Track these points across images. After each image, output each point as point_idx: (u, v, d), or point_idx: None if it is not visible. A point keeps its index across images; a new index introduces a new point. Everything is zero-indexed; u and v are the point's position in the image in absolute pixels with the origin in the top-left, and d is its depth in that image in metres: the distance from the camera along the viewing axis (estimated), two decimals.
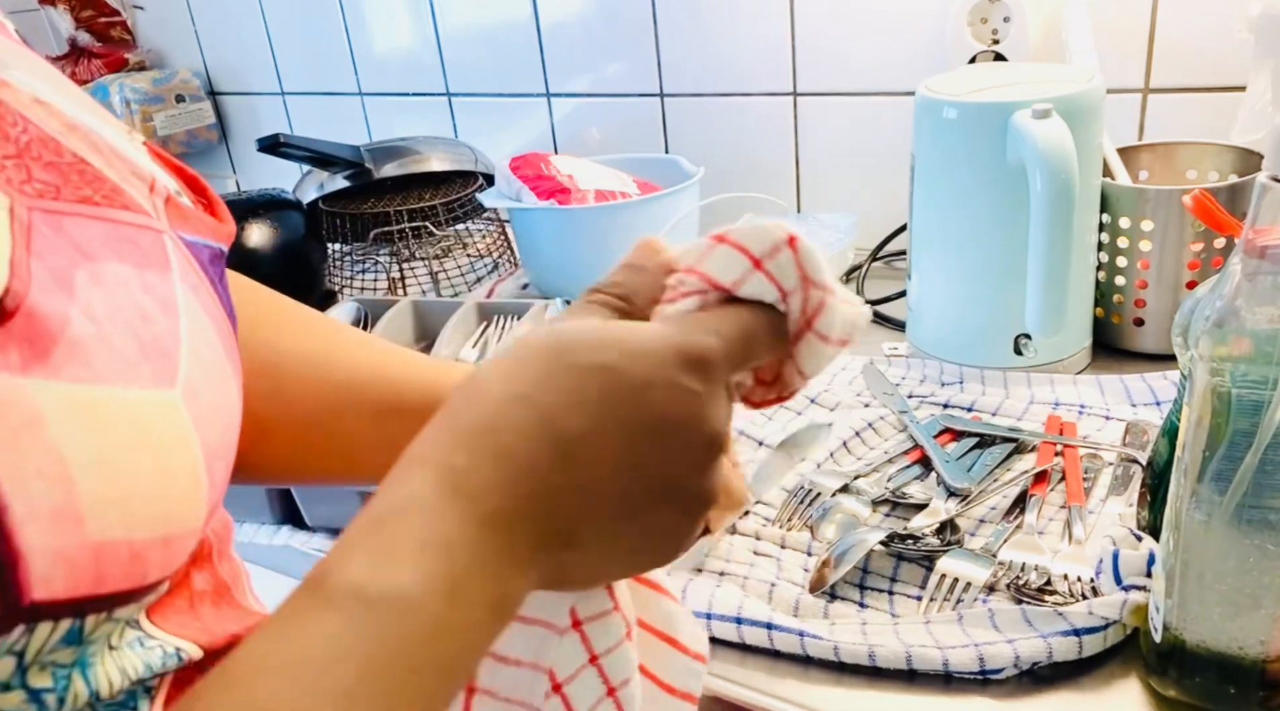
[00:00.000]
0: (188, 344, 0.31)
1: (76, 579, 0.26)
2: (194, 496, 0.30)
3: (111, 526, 0.27)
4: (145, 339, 0.29)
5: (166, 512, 0.29)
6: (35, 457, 0.25)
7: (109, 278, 0.29)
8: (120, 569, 0.27)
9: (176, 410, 0.29)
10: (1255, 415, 0.43)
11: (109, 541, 0.27)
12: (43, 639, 0.26)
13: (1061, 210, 0.70)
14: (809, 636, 0.54)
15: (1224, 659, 0.47)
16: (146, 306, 0.30)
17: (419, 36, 1.38)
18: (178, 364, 0.30)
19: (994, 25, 0.95)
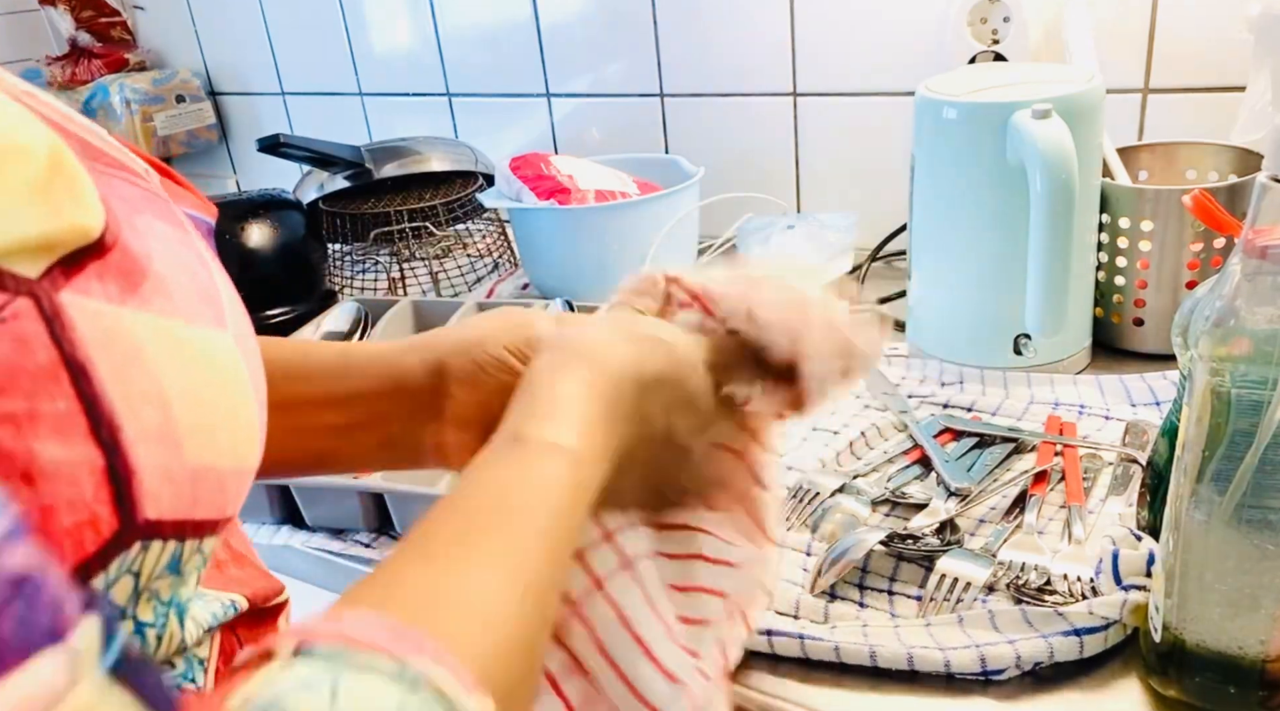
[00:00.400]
0: (224, 294, 0.33)
1: (178, 500, 0.28)
2: (255, 432, 0.33)
3: (203, 451, 0.29)
4: (200, 283, 0.32)
5: (238, 445, 0.31)
6: (139, 383, 0.27)
7: (158, 229, 0.32)
8: (209, 495, 0.29)
9: (231, 349, 0.32)
10: (1255, 415, 0.43)
11: (201, 466, 0.29)
12: (153, 561, 0.28)
13: (1061, 210, 0.70)
14: (809, 639, 0.54)
15: (1224, 658, 0.47)
16: (189, 259, 0.32)
17: (419, 36, 1.38)
18: (223, 309, 0.32)
19: (994, 25, 0.95)
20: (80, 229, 0.27)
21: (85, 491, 0.25)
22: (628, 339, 0.42)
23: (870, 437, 0.75)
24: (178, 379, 0.28)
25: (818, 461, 0.72)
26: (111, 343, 0.27)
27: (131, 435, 0.26)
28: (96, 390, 0.26)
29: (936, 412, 0.76)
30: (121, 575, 0.27)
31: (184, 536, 0.29)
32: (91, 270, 0.27)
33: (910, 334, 0.88)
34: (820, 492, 0.68)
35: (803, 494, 0.68)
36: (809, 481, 0.69)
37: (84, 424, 0.25)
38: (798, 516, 0.67)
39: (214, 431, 0.30)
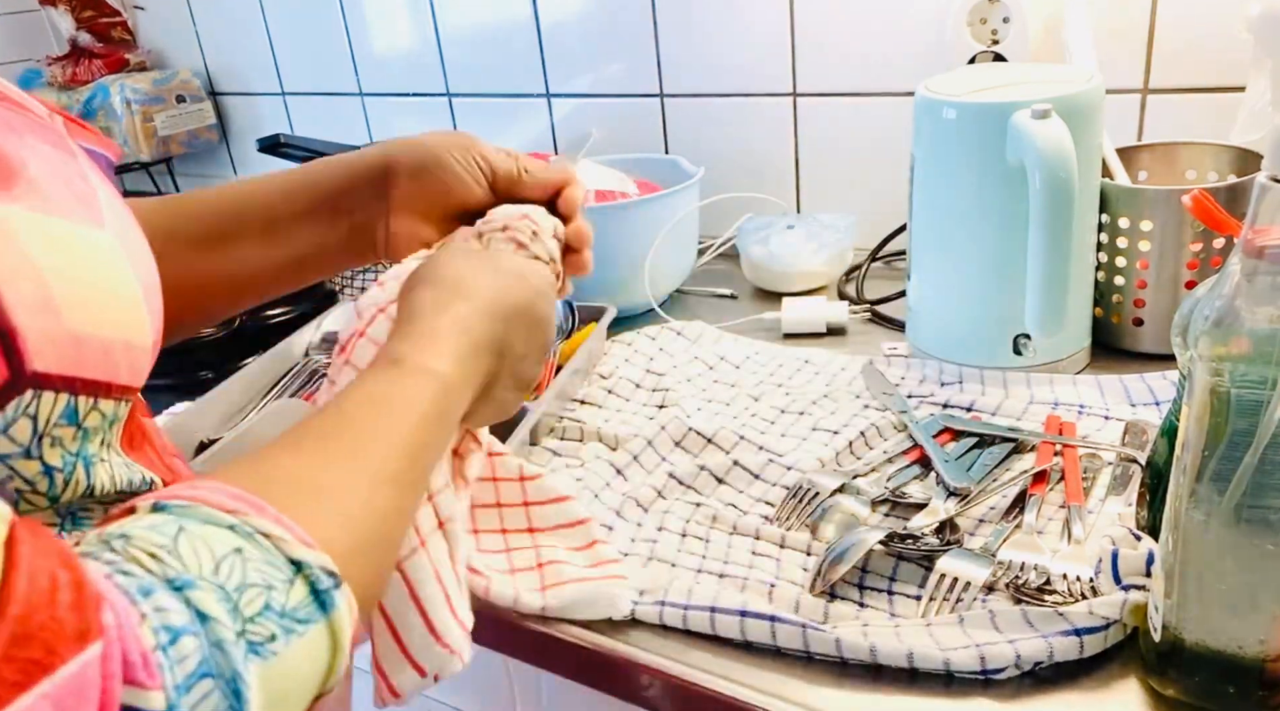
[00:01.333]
0: (105, 202, 0.39)
1: (62, 358, 0.33)
2: (139, 314, 0.38)
3: (82, 322, 0.34)
4: (75, 191, 0.37)
5: (121, 319, 0.37)
6: (14, 260, 0.32)
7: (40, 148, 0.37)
8: (94, 358, 0.35)
9: (113, 243, 0.37)
10: (1254, 415, 0.43)
11: (83, 334, 0.34)
12: (48, 408, 0.34)
13: (1061, 210, 0.70)
14: (811, 629, 0.54)
15: (1223, 658, 0.47)
16: (70, 173, 0.38)
17: (419, 36, 1.38)
18: (101, 213, 0.38)
19: (993, 25, 0.95)
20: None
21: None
22: (494, 273, 0.50)
23: (870, 437, 0.75)
24: (52, 260, 0.34)
25: (817, 461, 0.72)
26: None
27: (12, 300, 0.32)
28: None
29: (936, 412, 0.76)
30: (18, 416, 0.33)
31: (74, 391, 0.34)
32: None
33: (910, 334, 0.88)
34: (820, 492, 0.68)
35: (803, 494, 0.68)
36: (809, 481, 0.69)
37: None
38: (797, 516, 0.67)
39: (92, 305, 0.35)
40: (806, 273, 1.02)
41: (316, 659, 0.33)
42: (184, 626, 0.29)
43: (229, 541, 0.32)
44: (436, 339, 0.46)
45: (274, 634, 0.31)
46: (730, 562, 0.63)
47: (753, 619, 0.56)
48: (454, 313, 0.47)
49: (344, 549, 0.35)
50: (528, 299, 0.51)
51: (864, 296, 1.00)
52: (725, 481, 0.72)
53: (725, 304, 1.05)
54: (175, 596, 0.29)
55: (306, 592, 0.33)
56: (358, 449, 0.39)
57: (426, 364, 0.44)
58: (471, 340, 0.47)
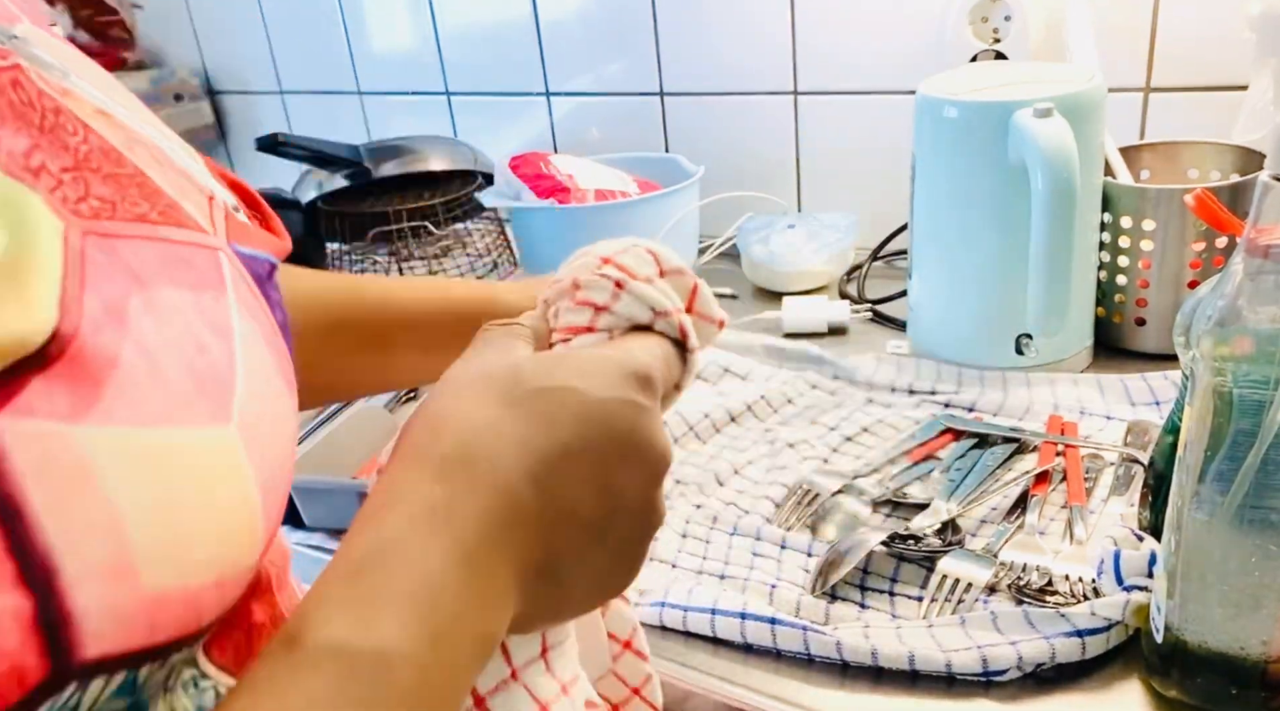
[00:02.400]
0: (243, 370, 0.29)
1: (131, 632, 0.24)
2: (250, 534, 0.28)
3: (166, 575, 0.25)
4: (200, 370, 0.27)
5: (222, 555, 0.27)
6: (86, 512, 0.24)
7: (163, 304, 0.27)
8: (174, 617, 0.26)
9: (232, 446, 0.28)
10: (1257, 415, 0.43)
11: (164, 591, 0.25)
12: (96, 693, 0.25)
13: (1062, 210, 0.70)
14: (812, 631, 0.54)
15: (1226, 659, 0.46)
16: (201, 333, 0.28)
17: (418, 35, 1.38)
18: (233, 395, 0.28)
19: (995, 24, 0.95)
20: (16, 338, 0.23)
21: (8, 641, 0.22)
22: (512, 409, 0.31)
23: (869, 438, 0.75)
24: (140, 497, 0.25)
25: (818, 460, 0.72)
26: (53, 468, 0.23)
27: (71, 575, 0.23)
28: (28, 529, 0.22)
29: (937, 412, 0.76)
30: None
31: (137, 665, 0.26)
32: (36, 385, 0.23)
33: (911, 334, 0.88)
34: (820, 493, 0.68)
35: (803, 494, 0.68)
36: (809, 481, 0.69)
37: (10, 569, 0.22)
38: (797, 517, 0.67)
39: (187, 549, 0.26)
40: (807, 272, 1.02)
41: None
42: None
43: None
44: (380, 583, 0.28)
45: None
46: (731, 563, 0.63)
47: (753, 621, 0.56)
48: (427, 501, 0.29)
49: None
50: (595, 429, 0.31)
51: (865, 296, 1.00)
52: (725, 482, 0.72)
53: (725, 304, 1.05)
54: None
55: None
56: None
57: (349, 644, 0.27)
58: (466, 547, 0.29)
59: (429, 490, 0.29)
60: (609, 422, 0.31)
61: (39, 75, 0.29)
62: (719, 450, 0.76)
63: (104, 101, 0.31)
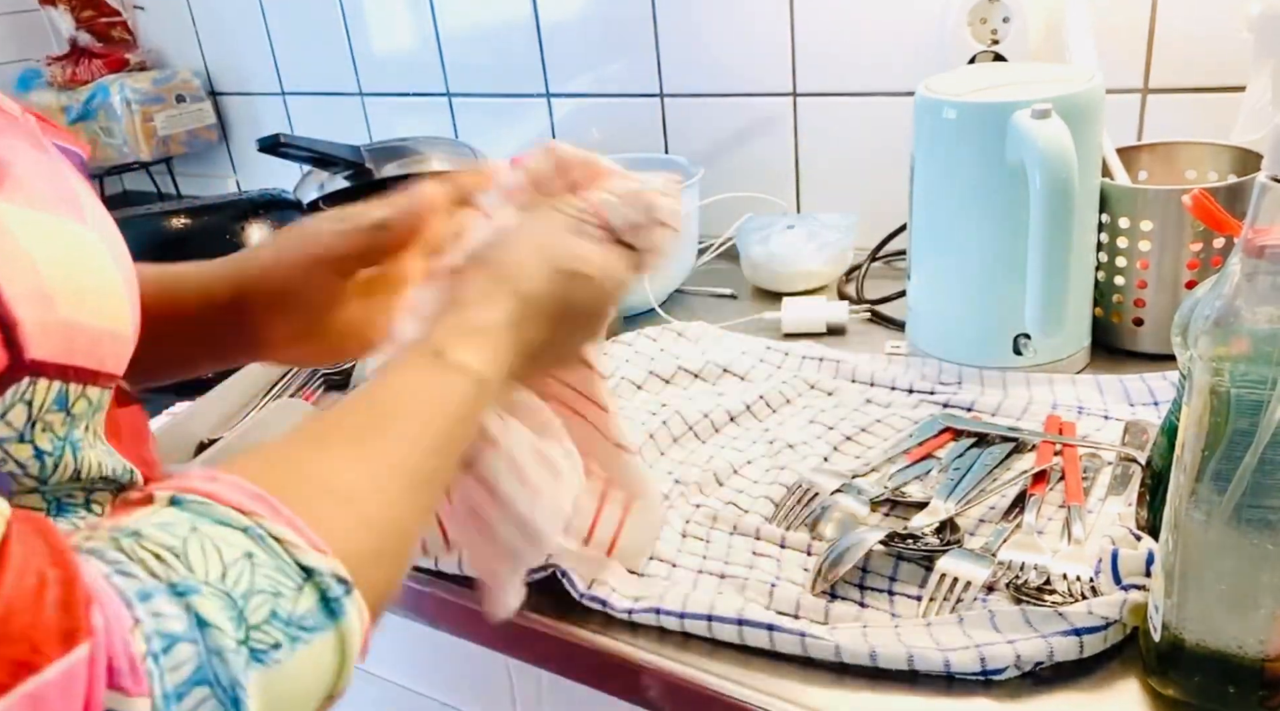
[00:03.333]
0: (84, 199, 0.40)
1: (56, 346, 0.35)
2: (123, 305, 0.39)
3: (73, 310, 0.36)
4: (57, 189, 0.39)
5: (107, 309, 0.38)
6: (10, 254, 0.34)
7: (18, 146, 0.39)
8: (84, 346, 0.37)
9: (94, 237, 0.39)
10: (1254, 415, 0.43)
11: (73, 321, 0.36)
12: (42, 394, 0.35)
13: (1061, 210, 0.70)
14: (810, 637, 0.54)
15: (1223, 658, 0.47)
16: (49, 169, 0.39)
17: (419, 36, 1.38)
18: (82, 210, 0.39)
19: (993, 25, 0.95)
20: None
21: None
22: (554, 271, 0.47)
23: (869, 438, 0.75)
24: (43, 252, 0.35)
25: (818, 459, 0.72)
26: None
27: (11, 292, 0.33)
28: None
29: (936, 412, 0.76)
30: (15, 403, 0.34)
31: (66, 378, 0.36)
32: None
33: (910, 334, 0.88)
34: (819, 492, 0.68)
35: (802, 494, 0.68)
36: (808, 481, 0.69)
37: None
38: (796, 516, 0.67)
39: (81, 295, 0.36)
40: (807, 272, 1.02)
41: (322, 666, 0.33)
42: (181, 633, 0.29)
43: (241, 544, 0.31)
44: (482, 336, 0.44)
45: (278, 642, 0.31)
46: (731, 563, 0.63)
47: (750, 628, 0.56)
48: (504, 310, 0.45)
49: (362, 554, 0.35)
50: (587, 304, 0.49)
51: (864, 296, 1.00)
52: (724, 482, 0.72)
53: (725, 304, 1.05)
54: (176, 602, 0.29)
55: (315, 600, 0.32)
56: (388, 450, 0.38)
57: (468, 363, 0.43)
58: (517, 342, 0.45)
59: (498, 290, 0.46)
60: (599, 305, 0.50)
61: None
62: (718, 450, 0.76)
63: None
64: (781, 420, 0.80)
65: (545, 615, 0.61)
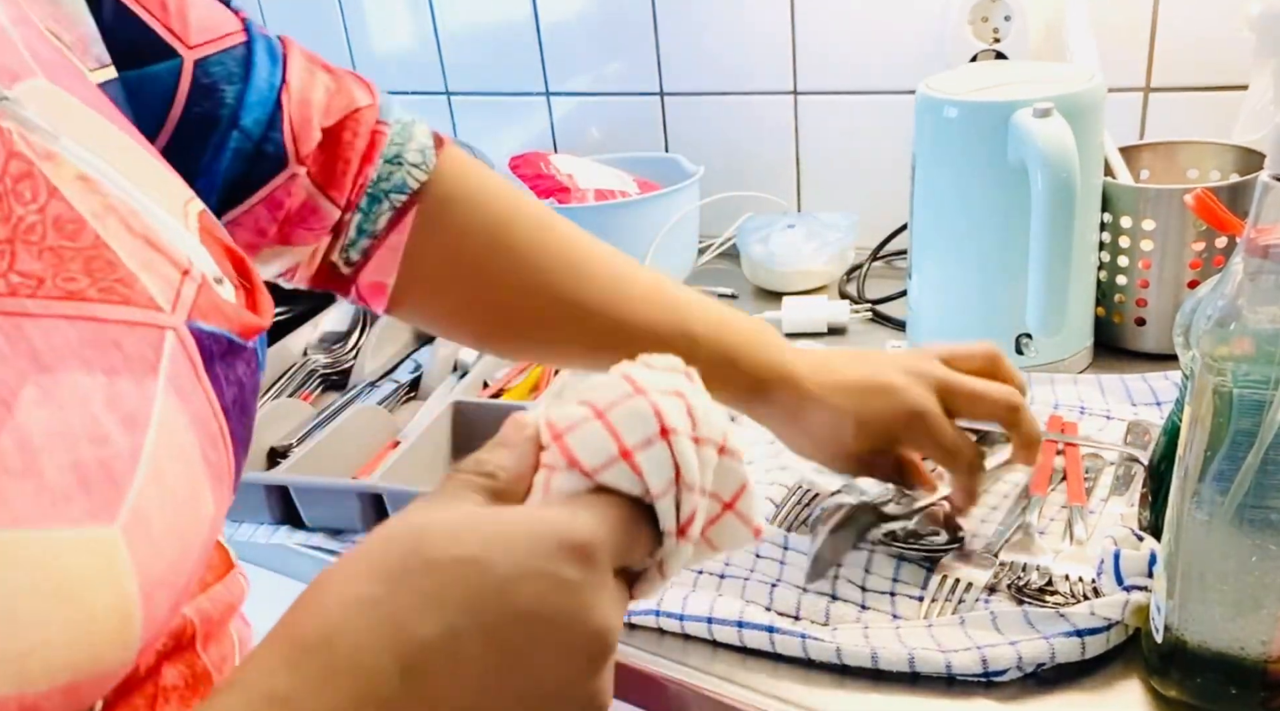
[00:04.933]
0: (149, 463, 0.28)
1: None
2: (119, 636, 0.27)
3: (1, 684, 0.24)
4: (89, 465, 0.27)
5: (74, 661, 0.26)
6: None
7: (64, 391, 0.27)
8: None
9: (110, 546, 0.27)
10: (1257, 415, 0.43)
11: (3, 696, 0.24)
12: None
13: (1062, 209, 0.70)
14: (811, 639, 0.54)
15: (1225, 659, 0.46)
16: (105, 424, 0.27)
17: (418, 35, 1.38)
18: (126, 491, 0.27)
19: (995, 24, 0.95)
20: None
21: None
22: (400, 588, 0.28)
23: None
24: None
25: None
26: None
27: None
28: None
29: None
30: None
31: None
32: None
33: (911, 333, 0.88)
34: (819, 493, 0.68)
35: (802, 494, 0.68)
36: (808, 481, 0.69)
37: None
38: (798, 517, 0.67)
39: (30, 657, 0.25)
40: (807, 272, 1.02)
41: None
42: None
43: None
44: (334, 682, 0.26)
45: None
46: (732, 563, 0.63)
47: (750, 630, 0.56)
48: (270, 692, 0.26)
49: None
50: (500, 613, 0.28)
51: (865, 296, 1.00)
52: None
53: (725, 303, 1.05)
54: None
55: None
56: None
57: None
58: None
59: (273, 679, 0.26)
60: (513, 601, 0.27)
61: (22, 137, 0.29)
62: None
63: (93, 164, 0.31)
64: None
65: None
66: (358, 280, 0.55)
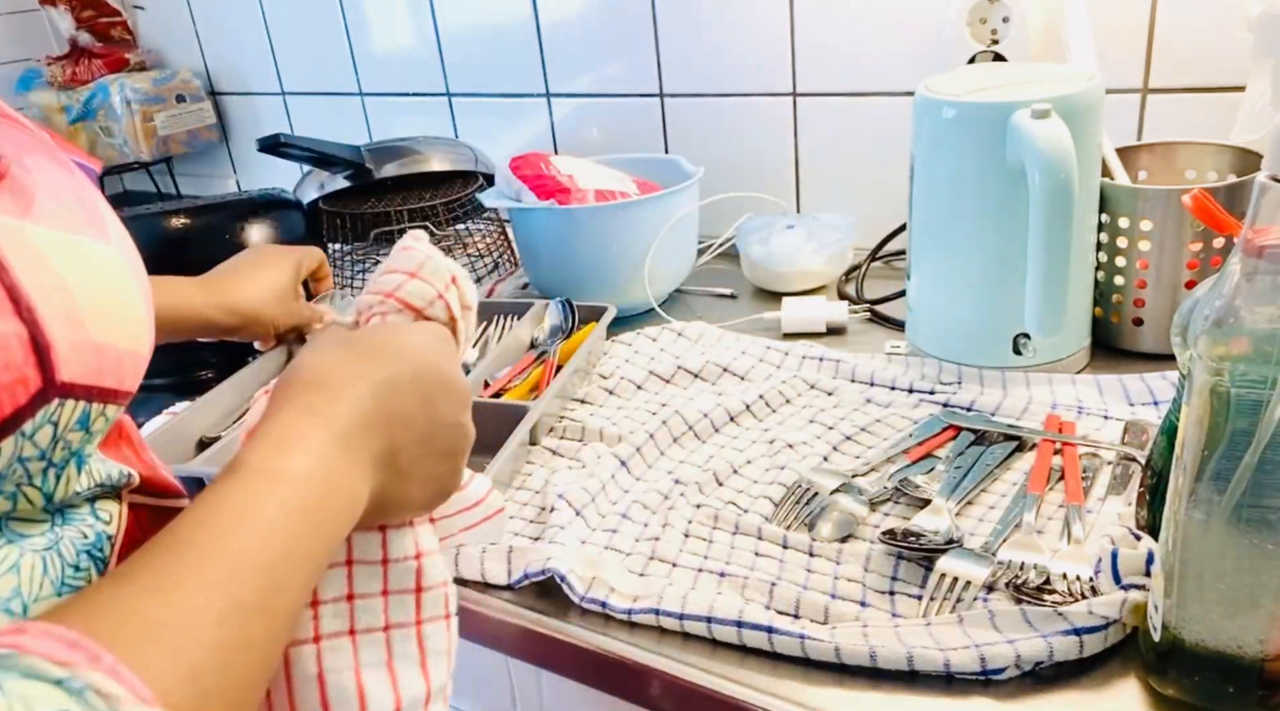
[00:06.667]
0: (108, 218, 0.41)
1: (86, 367, 0.35)
2: (144, 324, 0.40)
3: (103, 331, 0.36)
4: (82, 209, 0.39)
5: (131, 330, 0.38)
6: (46, 277, 0.34)
7: (44, 166, 0.39)
8: (111, 367, 0.37)
9: (118, 259, 0.39)
10: (1254, 414, 0.43)
11: (103, 342, 0.36)
12: (69, 415, 0.35)
13: (1060, 210, 0.70)
14: (810, 639, 0.54)
15: (1223, 658, 0.47)
16: (73, 187, 0.40)
17: (419, 36, 1.38)
18: (106, 229, 0.40)
19: (993, 25, 0.95)
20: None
21: (16, 356, 0.33)
22: (354, 355, 0.44)
23: (868, 438, 0.75)
24: (74, 275, 0.36)
25: (818, 459, 0.72)
26: (19, 247, 0.34)
27: (45, 314, 0.34)
28: (14, 280, 0.33)
29: (936, 412, 0.76)
30: (44, 423, 0.34)
31: (92, 399, 0.36)
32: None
33: (910, 334, 0.88)
34: (819, 492, 0.68)
35: (802, 493, 0.68)
36: (808, 481, 0.69)
37: (9, 306, 0.33)
38: (796, 516, 0.67)
39: (109, 316, 0.37)
40: (806, 272, 1.02)
41: None
42: None
43: (54, 700, 0.27)
44: (285, 437, 0.39)
45: None
46: (732, 563, 0.63)
47: (750, 630, 0.56)
48: (306, 403, 0.41)
49: (186, 697, 0.31)
50: (413, 368, 0.44)
51: (864, 296, 1.00)
52: (724, 482, 0.72)
53: (725, 304, 1.05)
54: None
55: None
56: (198, 578, 0.34)
57: (269, 465, 0.38)
58: (337, 428, 0.40)
59: (304, 399, 0.41)
60: (426, 359, 0.45)
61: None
62: (718, 450, 0.76)
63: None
64: (781, 420, 0.80)
65: (545, 615, 0.61)
66: None
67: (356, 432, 0.41)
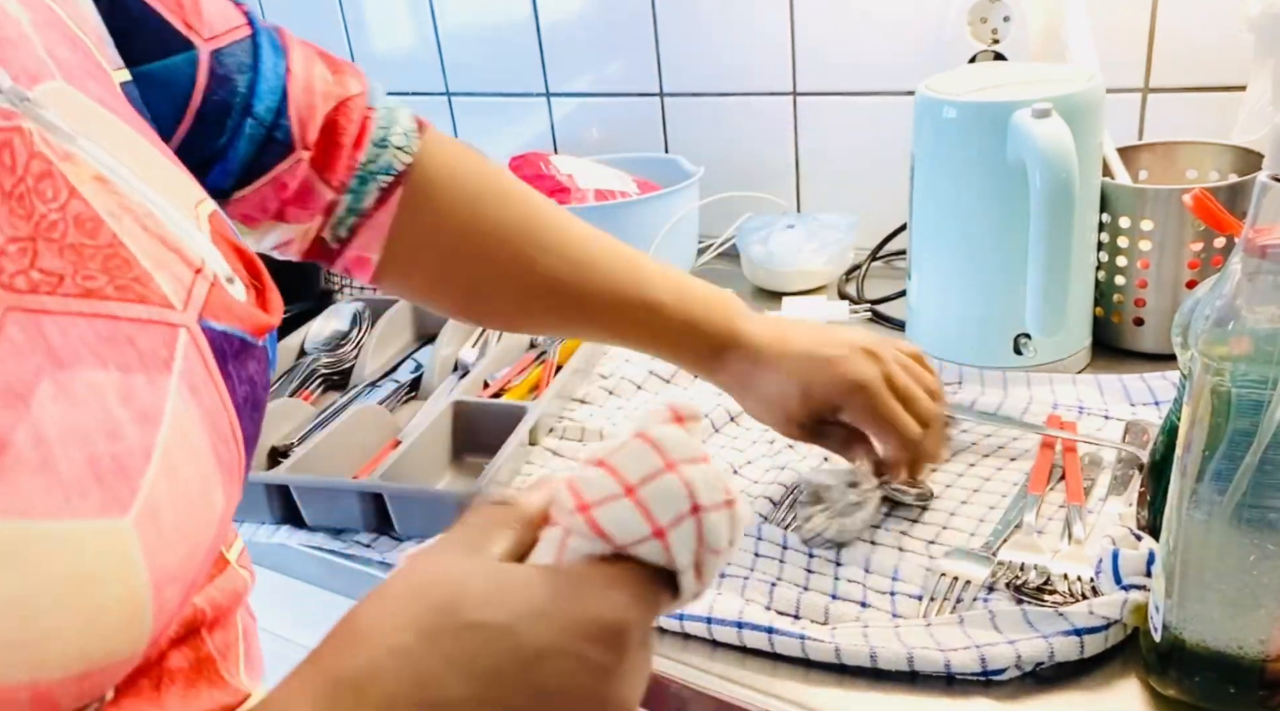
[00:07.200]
0: (161, 460, 0.29)
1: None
2: (131, 627, 0.28)
3: (12, 669, 0.25)
4: (103, 459, 0.27)
5: (87, 650, 0.27)
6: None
7: (79, 388, 0.28)
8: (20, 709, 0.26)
9: (122, 538, 0.28)
10: (1255, 414, 0.43)
11: (7, 685, 0.25)
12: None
13: (1061, 210, 0.70)
14: (810, 640, 0.54)
15: (1224, 658, 0.47)
16: (119, 419, 0.28)
17: (419, 36, 1.38)
18: (138, 485, 0.28)
19: (994, 25, 0.95)
20: None
21: None
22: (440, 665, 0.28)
23: None
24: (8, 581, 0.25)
25: (817, 458, 0.72)
26: None
27: None
28: None
29: None
30: None
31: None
32: None
33: (910, 333, 0.88)
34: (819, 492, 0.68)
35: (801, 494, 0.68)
36: (808, 481, 0.69)
37: None
38: (796, 516, 0.67)
39: (42, 644, 0.26)
40: (806, 272, 1.02)
41: None
42: None
43: None
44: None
45: None
46: (732, 563, 0.63)
47: (750, 630, 0.56)
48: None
49: None
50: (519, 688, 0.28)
51: (864, 296, 1.00)
52: None
53: None
54: None
55: None
56: None
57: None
58: None
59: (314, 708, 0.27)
60: (540, 677, 0.28)
61: (42, 137, 0.30)
62: (719, 450, 0.76)
63: (109, 165, 0.32)
64: None
65: None
66: (344, 254, 0.59)
67: None
